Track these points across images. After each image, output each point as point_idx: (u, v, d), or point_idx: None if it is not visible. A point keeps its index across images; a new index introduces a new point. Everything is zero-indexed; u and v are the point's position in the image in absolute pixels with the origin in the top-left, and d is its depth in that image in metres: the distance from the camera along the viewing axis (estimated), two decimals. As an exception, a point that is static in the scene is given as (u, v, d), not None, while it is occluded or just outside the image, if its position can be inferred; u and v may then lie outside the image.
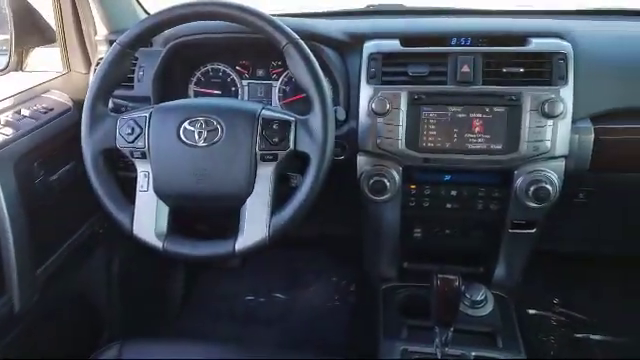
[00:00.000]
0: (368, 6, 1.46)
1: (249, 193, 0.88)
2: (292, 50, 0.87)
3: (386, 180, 1.06)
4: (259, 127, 0.87)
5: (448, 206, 1.12)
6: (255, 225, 0.87)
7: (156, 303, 1.66)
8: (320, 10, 1.44)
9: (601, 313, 1.64)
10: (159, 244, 0.89)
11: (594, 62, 1.03)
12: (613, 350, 1.52)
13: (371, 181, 1.06)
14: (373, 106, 1.03)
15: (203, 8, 0.90)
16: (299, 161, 0.90)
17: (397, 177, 1.07)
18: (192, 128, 0.88)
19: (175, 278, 1.74)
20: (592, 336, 1.57)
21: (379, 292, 1.27)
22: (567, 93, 0.99)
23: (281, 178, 0.94)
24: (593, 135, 1.02)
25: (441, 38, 1.07)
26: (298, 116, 0.90)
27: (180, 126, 0.89)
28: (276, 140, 0.87)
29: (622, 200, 1.17)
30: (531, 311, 1.64)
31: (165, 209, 0.91)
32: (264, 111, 0.89)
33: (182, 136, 0.88)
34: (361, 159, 1.08)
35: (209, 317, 1.68)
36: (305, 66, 0.87)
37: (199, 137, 0.88)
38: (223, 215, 0.92)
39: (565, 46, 1.01)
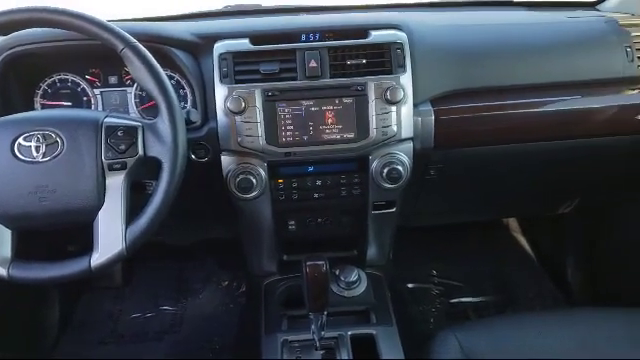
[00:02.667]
0: (226, 7, 1.46)
1: (100, 206, 0.84)
2: (129, 54, 0.85)
3: (252, 177, 1.07)
4: (103, 136, 0.84)
5: (315, 196, 1.15)
6: (110, 239, 0.84)
7: (28, 334, 1.53)
8: (179, 13, 1.42)
9: (471, 277, 1.80)
10: (2, 271, 0.82)
11: (429, 50, 1.13)
12: (483, 309, 1.68)
13: (237, 179, 1.07)
14: (229, 105, 1.03)
15: (29, 15, 0.84)
16: (154, 167, 0.89)
17: (263, 173, 1.09)
18: (28, 143, 0.83)
19: (49, 304, 1.61)
20: (464, 299, 1.72)
21: (261, 288, 1.28)
22: (406, 80, 1.07)
23: (136, 187, 0.92)
24: (434, 116, 1.11)
25: (291, 35, 1.11)
26: (145, 120, 0.88)
27: (14, 142, 0.83)
28: (123, 147, 0.84)
29: (469, 172, 1.30)
30: (410, 285, 1.76)
31: (7, 233, 0.84)
32: (107, 119, 0.86)
33: (17, 153, 0.82)
34: (225, 159, 1.08)
35: (92, 341, 1.59)
36: (145, 69, 0.85)
37: (37, 152, 0.82)
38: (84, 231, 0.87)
39: (401, 36, 1.09)
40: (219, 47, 1.08)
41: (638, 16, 1.29)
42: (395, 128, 1.07)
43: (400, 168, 1.08)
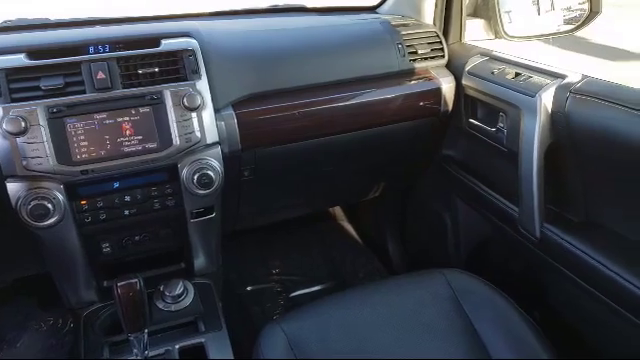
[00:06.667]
0: (4, 22, 1.32)
1: None
2: None
3: (47, 202, 0.99)
4: None
5: (126, 213, 1.10)
6: None
7: None
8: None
9: (307, 268, 1.90)
10: None
11: (223, 56, 1.16)
12: (319, 297, 1.77)
13: (29, 207, 0.98)
14: (6, 127, 0.94)
15: None
16: None
17: (60, 196, 1.01)
18: None
19: None
20: (303, 291, 1.80)
21: (81, 320, 1.19)
22: (203, 86, 1.08)
23: None
24: (236, 120, 1.15)
25: (76, 48, 1.04)
26: None
27: None
28: None
29: (281, 169, 1.36)
30: (250, 287, 1.79)
31: None
32: None
33: None
34: (12, 186, 0.98)
35: None
36: None
37: None
38: None
39: (192, 43, 1.10)
40: None
41: (407, 17, 1.48)
42: (199, 134, 1.07)
43: (211, 173, 1.09)
